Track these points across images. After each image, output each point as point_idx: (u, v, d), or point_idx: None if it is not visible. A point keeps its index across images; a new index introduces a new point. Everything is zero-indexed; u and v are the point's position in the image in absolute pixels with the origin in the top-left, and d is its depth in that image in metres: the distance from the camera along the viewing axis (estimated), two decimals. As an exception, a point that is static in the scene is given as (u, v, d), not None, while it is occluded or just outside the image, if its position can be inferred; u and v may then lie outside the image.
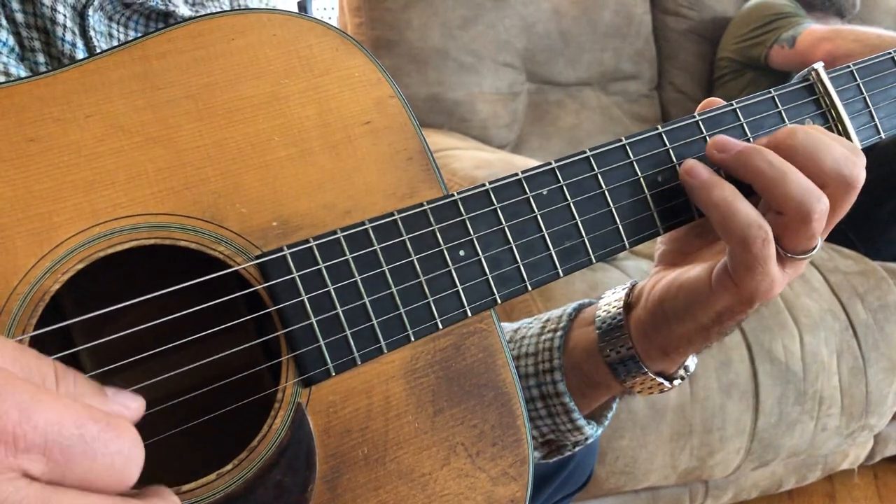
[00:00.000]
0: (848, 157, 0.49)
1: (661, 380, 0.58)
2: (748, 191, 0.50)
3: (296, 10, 2.68)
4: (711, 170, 0.51)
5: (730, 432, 1.40)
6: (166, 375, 0.43)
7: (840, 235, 1.76)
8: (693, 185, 0.50)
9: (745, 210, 0.49)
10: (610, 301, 0.60)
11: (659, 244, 0.61)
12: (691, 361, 0.60)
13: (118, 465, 0.29)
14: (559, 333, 0.62)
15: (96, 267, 0.41)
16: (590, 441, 0.65)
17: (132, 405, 0.33)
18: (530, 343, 0.64)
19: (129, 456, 0.30)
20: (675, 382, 0.60)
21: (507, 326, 0.69)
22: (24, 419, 0.27)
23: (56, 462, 0.28)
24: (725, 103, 0.53)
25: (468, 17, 1.92)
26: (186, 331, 0.42)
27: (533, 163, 0.50)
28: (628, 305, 0.59)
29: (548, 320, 0.65)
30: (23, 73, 0.51)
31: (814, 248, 0.50)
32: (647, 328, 0.57)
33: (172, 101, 0.43)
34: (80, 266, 0.40)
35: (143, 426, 0.37)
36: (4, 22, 0.51)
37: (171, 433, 0.43)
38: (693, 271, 0.54)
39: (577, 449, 0.66)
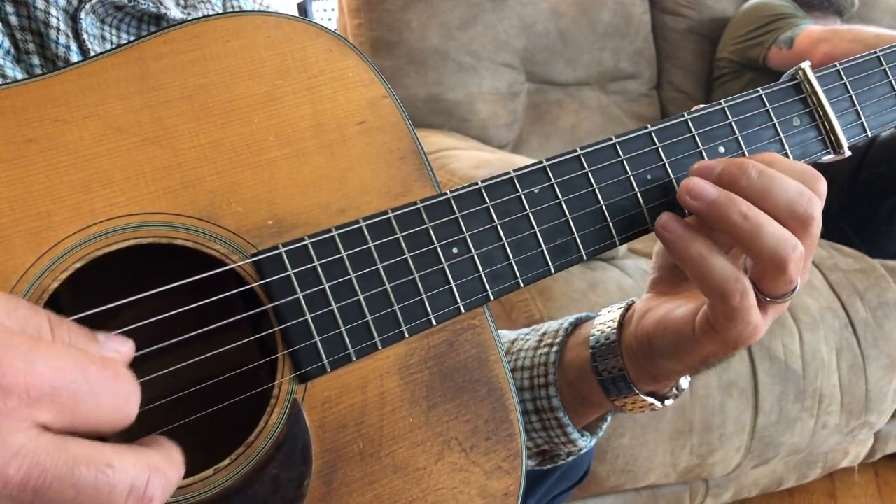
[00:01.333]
0: (800, 193, 0.48)
1: (652, 400, 0.59)
2: None
3: (296, 12, 2.69)
4: (685, 223, 0.50)
5: (730, 430, 1.40)
6: (163, 372, 0.43)
7: (840, 233, 1.76)
8: (667, 239, 0.50)
9: (720, 265, 0.48)
10: (605, 321, 0.61)
11: (651, 269, 0.61)
12: (684, 381, 0.61)
13: (120, 403, 0.31)
14: (555, 349, 0.63)
15: (94, 266, 0.42)
16: (583, 452, 0.66)
17: (123, 349, 0.34)
18: (526, 356, 0.65)
19: (129, 393, 0.32)
20: (667, 402, 0.60)
21: (505, 336, 0.69)
22: (29, 370, 0.28)
23: (64, 406, 0.29)
24: (714, 102, 0.54)
25: (467, 17, 1.93)
26: (183, 329, 0.43)
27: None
28: (622, 326, 0.60)
29: (545, 333, 0.65)
30: (19, 75, 0.51)
31: (794, 290, 0.50)
32: (638, 356, 0.58)
33: (169, 102, 0.44)
34: (79, 265, 0.41)
35: (141, 422, 0.37)
36: (0, 25, 0.51)
37: (168, 429, 0.44)
38: (679, 313, 0.54)
39: (570, 459, 0.67)
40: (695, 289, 0.55)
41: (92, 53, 0.53)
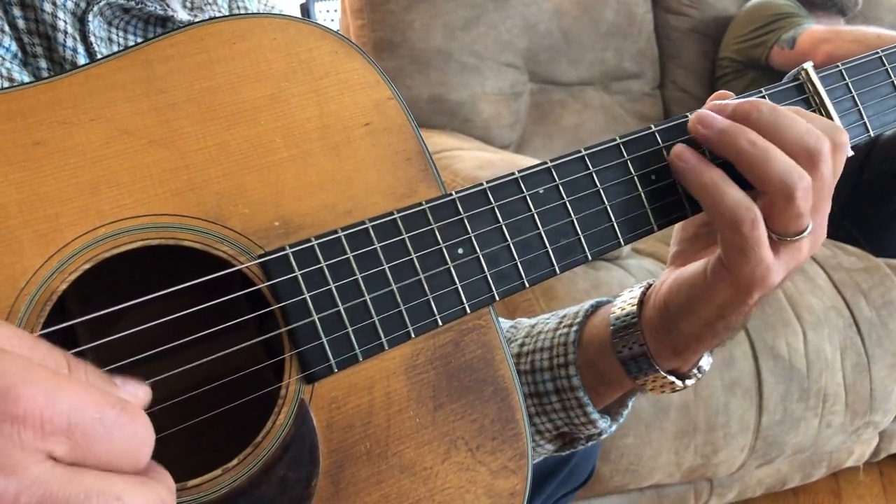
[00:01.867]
0: (810, 130, 0.49)
1: (673, 378, 0.59)
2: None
3: (298, 13, 2.69)
4: (699, 154, 0.51)
5: (734, 430, 1.40)
6: (171, 373, 0.43)
7: (843, 232, 1.76)
8: (682, 168, 0.51)
9: (733, 192, 0.49)
10: (626, 299, 0.61)
11: (672, 244, 0.61)
12: (705, 361, 0.61)
13: (133, 446, 0.31)
14: (574, 329, 0.63)
15: (102, 267, 0.42)
16: (604, 436, 0.65)
17: (140, 393, 0.34)
18: (546, 338, 0.65)
19: (143, 438, 0.32)
20: (689, 382, 0.60)
21: (524, 322, 0.69)
22: (49, 403, 0.28)
23: (78, 444, 0.29)
24: None
25: (470, 17, 1.93)
26: (191, 330, 0.43)
27: (535, 162, 0.50)
28: (642, 304, 0.60)
29: (564, 316, 0.66)
30: (26, 79, 0.52)
31: (805, 230, 0.50)
32: (657, 327, 0.57)
33: (175, 105, 0.44)
34: (87, 266, 0.41)
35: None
36: (7, 28, 0.52)
37: (176, 430, 0.44)
38: (692, 267, 0.55)
39: (590, 443, 0.67)
40: (712, 253, 0.56)
41: (99, 56, 0.54)
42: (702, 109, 0.52)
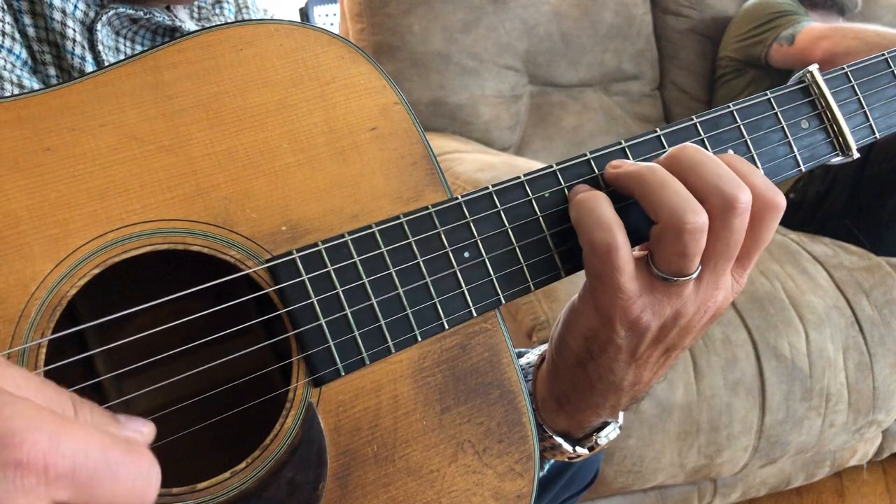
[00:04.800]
0: (732, 177, 0.46)
1: (561, 441, 0.56)
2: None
3: (298, 17, 2.69)
4: (590, 187, 0.50)
5: (737, 430, 1.40)
6: (180, 377, 0.44)
7: (844, 231, 1.76)
8: (569, 196, 0.49)
9: (601, 212, 0.47)
10: (529, 359, 0.59)
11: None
12: (612, 431, 0.57)
13: (139, 487, 0.31)
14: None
15: (112, 272, 0.42)
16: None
17: (144, 430, 0.34)
18: None
19: (149, 478, 0.31)
20: (580, 450, 0.57)
21: None
22: (53, 447, 0.28)
23: (82, 487, 0.29)
24: (722, 105, 0.54)
25: (469, 20, 1.93)
26: (199, 334, 0.43)
27: (536, 165, 0.50)
28: (544, 358, 0.58)
29: None
30: (36, 86, 0.52)
31: (688, 274, 0.47)
32: (543, 377, 0.56)
33: (183, 111, 0.44)
34: (96, 271, 0.41)
35: (158, 426, 0.38)
36: (18, 36, 0.52)
37: (185, 433, 0.44)
38: (576, 294, 0.52)
39: None
40: None
41: (106, 65, 0.54)
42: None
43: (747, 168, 0.48)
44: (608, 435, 0.57)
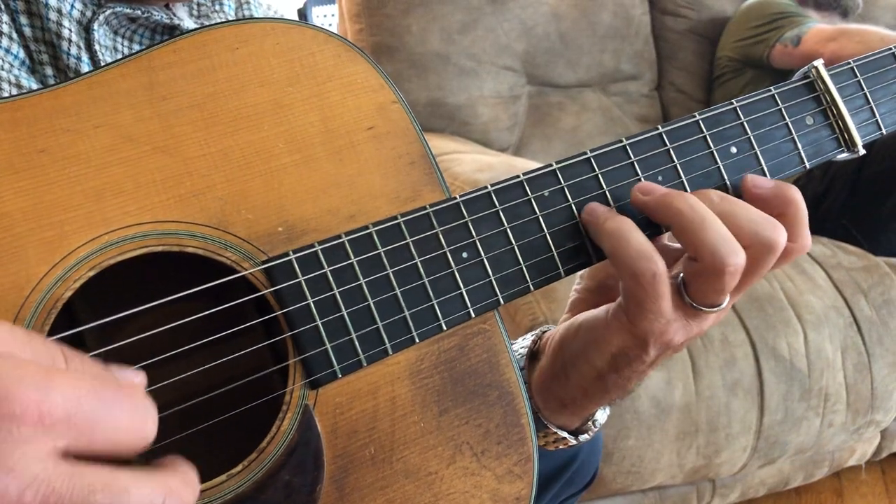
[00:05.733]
0: (766, 219, 0.47)
1: (564, 434, 0.57)
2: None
3: (296, 17, 2.69)
4: (610, 208, 0.50)
5: (735, 430, 1.40)
6: (176, 379, 0.43)
7: (843, 231, 1.76)
8: (587, 220, 0.49)
9: (639, 241, 0.47)
10: (517, 348, 0.59)
11: (573, 293, 0.59)
12: (601, 414, 0.58)
13: (137, 423, 0.31)
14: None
15: (107, 274, 0.42)
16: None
17: (136, 379, 0.34)
18: None
19: (146, 413, 0.32)
20: (582, 438, 0.58)
21: None
22: (43, 397, 0.28)
23: (81, 431, 0.29)
24: (725, 102, 0.54)
25: (467, 21, 1.93)
26: (195, 336, 0.43)
27: (534, 165, 0.50)
28: (534, 354, 0.58)
29: None
30: (34, 85, 0.52)
31: (720, 305, 0.49)
32: (548, 378, 0.56)
33: (178, 111, 0.44)
34: (91, 273, 0.41)
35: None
36: (15, 35, 0.52)
37: (181, 436, 0.44)
38: (592, 311, 0.53)
39: None
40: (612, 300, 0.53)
41: (103, 65, 0.54)
42: (646, 182, 0.50)
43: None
44: (601, 418, 0.59)
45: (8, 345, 0.30)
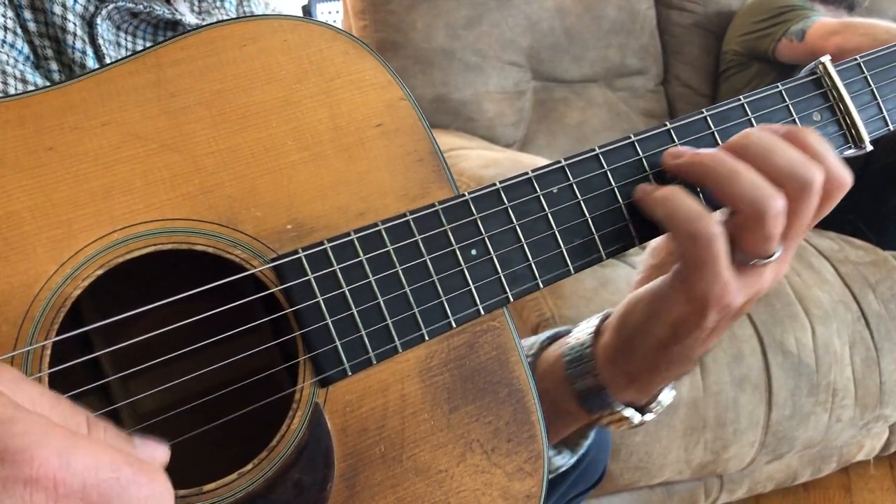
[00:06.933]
0: (804, 160, 0.47)
1: (629, 413, 0.57)
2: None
3: (300, 14, 2.69)
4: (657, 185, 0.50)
5: (743, 426, 1.40)
6: (185, 378, 0.43)
7: (850, 225, 1.75)
8: (640, 198, 0.50)
9: (690, 204, 0.47)
10: (582, 329, 0.59)
11: (638, 273, 0.59)
12: (666, 396, 0.59)
13: None
14: (528, 360, 0.62)
15: (116, 272, 0.42)
16: (561, 470, 0.64)
17: (158, 454, 0.34)
18: None
19: (162, 496, 0.31)
20: (647, 417, 0.58)
21: None
22: (63, 465, 0.28)
23: None
24: (733, 98, 0.54)
25: (472, 16, 1.92)
26: (205, 334, 0.43)
27: (540, 161, 0.50)
28: (599, 332, 0.58)
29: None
30: (39, 80, 0.51)
31: (772, 255, 0.49)
32: (613, 353, 0.56)
33: (186, 108, 0.44)
34: (100, 272, 0.41)
35: (164, 428, 0.37)
36: (19, 30, 0.52)
37: (191, 435, 0.44)
38: (649, 284, 0.53)
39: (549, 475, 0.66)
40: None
41: (107, 59, 0.54)
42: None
43: (818, 147, 0.49)
44: (666, 399, 0.59)
45: (36, 406, 0.29)
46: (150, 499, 0.30)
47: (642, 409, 0.58)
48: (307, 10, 2.81)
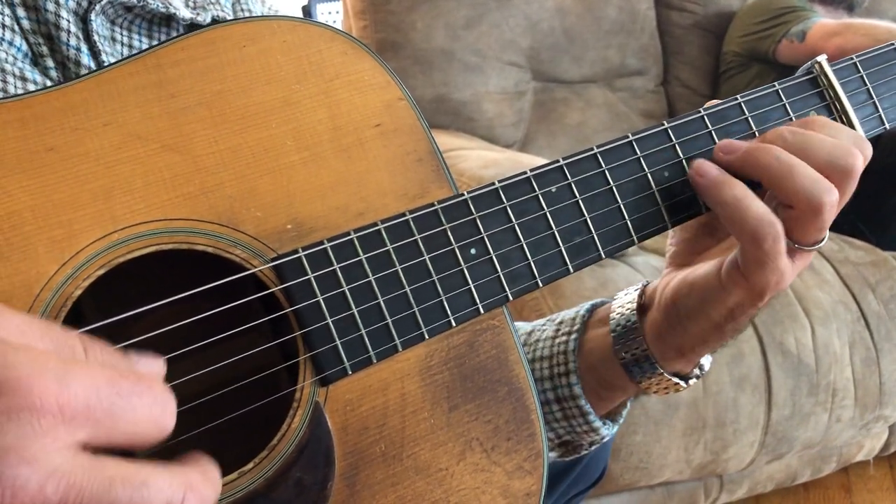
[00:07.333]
0: (838, 146, 0.50)
1: (676, 380, 0.59)
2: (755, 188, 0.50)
3: (300, 14, 2.69)
4: (720, 168, 0.51)
5: (743, 426, 1.40)
6: (186, 378, 0.43)
7: (850, 226, 1.75)
8: (702, 184, 0.51)
9: (757, 207, 0.49)
10: (623, 303, 0.61)
11: (669, 245, 0.61)
12: (706, 360, 0.61)
13: (156, 414, 0.31)
14: (573, 336, 0.62)
15: (116, 272, 0.42)
16: (605, 440, 0.65)
17: (154, 367, 0.34)
18: (545, 346, 0.64)
19: (165, 404, 0.32)
20: (691, 382, 0.60)
21: (521, 328, 0.69)
22: (63, 389, 0.28)
23: (100, 423, 0.29)
24: (730, 98, 0.54)
25: (472, 17, 1.93)
26: (205, 334, 0.43)
27: (540, 161, 0.50)
28: (642, 307, 0.60)
29: (561, 322, 0.65)
30: (37, 77, 0.51)
31: (823, 239, 0.51)
32: (662, 329, 0.57)
33: (187, 109, 0.44)
34: (101, 272, 0.41)
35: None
36: (17, 28, 0.52)
37: (191, 434, 0.44)
38: (703, 269, 0.55)
39: (592, 448, 0.67)
40: (715, 252, 0.56)
41: (103, 55, 0.54)
42: (726, 139, 0.53)
43: (834, 125, 0.52)
44: (706, 364, 0.61)
45: (26, 335, 0.30)
46: (153, 406, 0.31)
47: (686, 376, 0.60)
48: (307, 11, 2.81)
